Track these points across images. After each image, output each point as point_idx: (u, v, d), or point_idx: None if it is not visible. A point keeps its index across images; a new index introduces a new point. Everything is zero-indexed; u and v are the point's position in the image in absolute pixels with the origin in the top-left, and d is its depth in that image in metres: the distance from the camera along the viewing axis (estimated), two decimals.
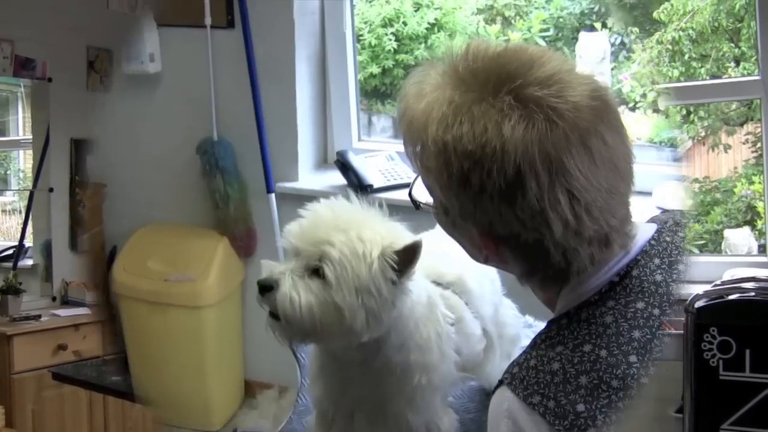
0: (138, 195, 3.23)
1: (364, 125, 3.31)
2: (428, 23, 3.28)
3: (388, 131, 3.41)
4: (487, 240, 1.06)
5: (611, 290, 1.07)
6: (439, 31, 3.34)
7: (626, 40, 3.37)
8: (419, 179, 1.15)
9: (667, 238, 1.13)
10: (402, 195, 2.86)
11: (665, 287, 1.07)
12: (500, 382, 1.07)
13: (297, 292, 1.32)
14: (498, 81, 1.01)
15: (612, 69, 3.26)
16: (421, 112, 1.04)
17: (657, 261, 1.10)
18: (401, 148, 3.29)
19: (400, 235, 1.38)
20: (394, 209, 2.89)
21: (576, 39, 3.33)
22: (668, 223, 1.16)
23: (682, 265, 1.10)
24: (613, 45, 3.31)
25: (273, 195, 2.98)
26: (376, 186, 2.87)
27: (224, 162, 2.96)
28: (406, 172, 2.96)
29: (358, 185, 2.85)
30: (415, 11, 3.27)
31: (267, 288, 1.35)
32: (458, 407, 1.63)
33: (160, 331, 3.04)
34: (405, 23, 3.21)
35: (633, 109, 3.25)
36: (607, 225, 1.03)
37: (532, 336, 1.48)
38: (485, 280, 1.67)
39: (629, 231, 1.09)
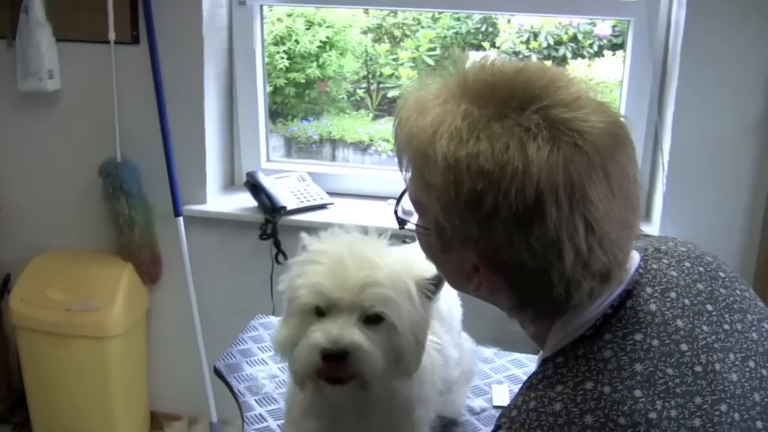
0: (35, 220, 3.24)
1: None
2: (320, 41, 3.42)
3: (280, 150, 3.50)
4: (485, 267, 1.06)
5: (606, 323, 1.07)
6: (330, 49, 3.48)
7: (513, 59, 3.56)
8: (405, 197, 1.18)
9: (654, 266, 1.15)
10: (315, 217, 2.99)
11: (661, 316, 1.08)
12: (497, 428, 1.06)
13: (373, 344, 1.28)
14: (524, 98, 1.01)
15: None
16: (428, 125, 1.04)
17: (649, 290, 1.11)
18: (311, 168, 3.42)
19: (415, 258, 1.34)
20: (310, 232, 3.00)
21: None
22: (649, 250, 1.19)
23: (674, 293, 1.11)
24: None
25: (181, 218, 3.03)
26: (289, 208, 2.96)
27: (129, 185, 2.98)
28: (318, 192, 3.08)
29: (271, 207, 2.93)
30: (307, 29, 3.40)
31: (339, 356, 1.27)
32: None
33: (63, 363, 3.05)
34: (297, 41, 3.33)
35: None
36: (614, 259, 1.04)
37: (485, 366, 1.57)
38: (453, 304, 1.70)
39: (628, 267, 1.11)
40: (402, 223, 1.22)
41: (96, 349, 3.02)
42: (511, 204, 0.98)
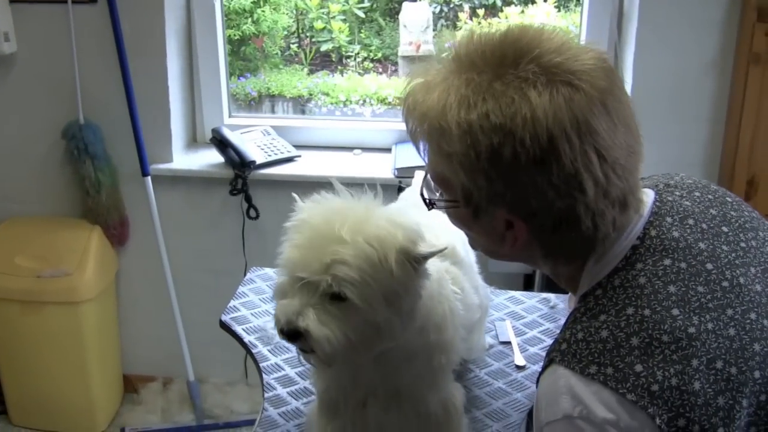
0: None
1: None
2: None
3: None
4: (518, 219, 1.19)
5: (635, 253, 1.22)
6: (264, 5, 3.67)
7: (445, 8, 3.74)
8: (425, 178, 1.31)
9: (669, 198, 1.31)
10: (284, 170, 3.16)
11: (684, 241, 1.23)
12: (549, 362, 1.19)
13: (330, 329, 1.34)
14: (516, 54, 1.16)
15: (433, 37, 3.64)
16: (436, 101, 1.18)
17: (669, 219, 1.26)
18: (273, 121, 3.58)
19: (406, 220, 1.41)
20: (281, 185, 3.17)
21: (391, 9, 3.70)
22: (659, 186, 1.35)
23: (691, 220, 1.27)
24: (434, 13, 3.68)
25: (149, 178, 3.18)
26: (258, 162, 3.14)
27: (93, 147, 3.11)
28: (284, 146, 3.25)
29: (240, 162, 3.10)
30: None
31: (295, 335, 1.36)
32: None
33: (35, 331, 3.20)
34: None
35: None
36: (627, 184, 1.19)
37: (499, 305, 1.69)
38: (469, 249, 1.78)
39: (641, 196, 1.26)
40: (430, 203, 1.33)
41: (69, 314, 3.16)
42: (528, 150, 1.12)
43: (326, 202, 1.43)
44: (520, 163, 1.13)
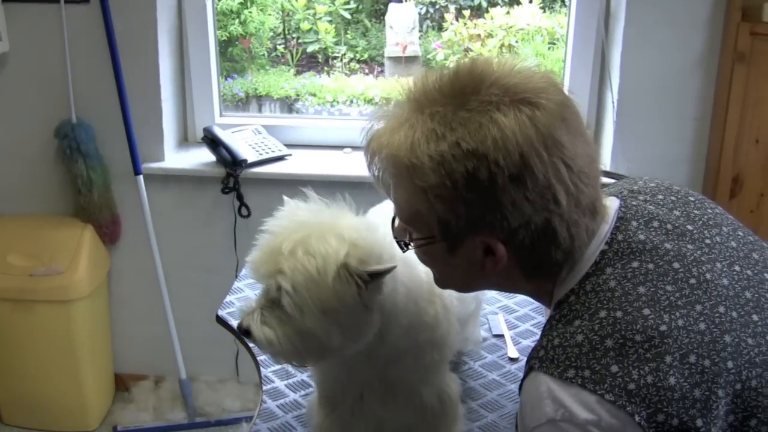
0: None
1: None
2: None
3: None
4: (497, 242, 1.22)
5: (604, 258, 1.26)
6: (251, 6, 3.70)
7: (431, 10, 3.77)
8: (394, 222, 1.34)
9: (633, 203, 1.35)
10: (275, 168, 3.18)
11: (650, 243, 1.27)
12: (529, 369, 1.22)
13: (272, 329, 1.41)
14: (475, 82, 1.21)
15: (419, 38, 3.69)
16: (403, 139, 1.21)
17: (634, 223, 1.30)
18: (264, 121, 3.60)
19: (363, 236, 1.43)
20: (272, 183, 3.20)
21: (377, 11, 3.73)
22: (623, 192, 1.39)
23: (656, 222, 1.31)
24: (420, 14, 3.74)
25: (141, 177, 3.20)
26: (250, 161, 3.16)
27: (86, 145, 3.12)
28: (275, 144, 3.28)
29: (232, 161, 3.12)
30: None
31: (246, 333, 1.45)
32: None
33: (27, 329, 3.21)
34: None
35: None
36: (594, 191, 1.25)
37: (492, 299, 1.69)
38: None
39: (604, 201, 1.31)
40: (405, 245, 1.35)
41: (61, 313, 3.17)
42: (503, 169, 1.16)
43: (297, 210, 1.48)
44: (497, 183, 1.17)
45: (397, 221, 1.35)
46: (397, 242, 1.37)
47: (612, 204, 1.33)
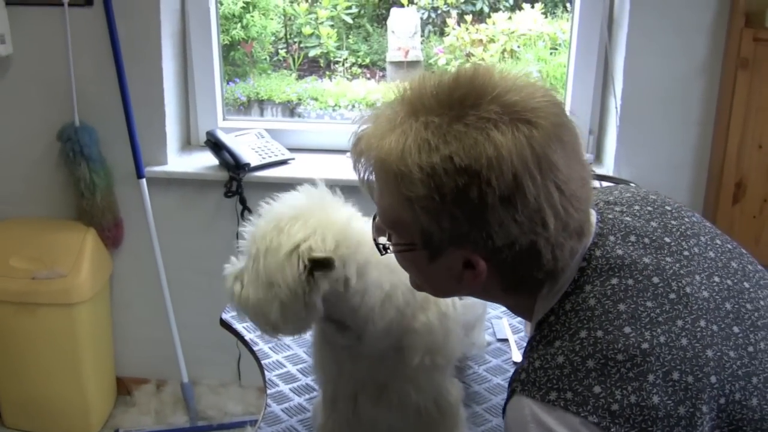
0: None
1: None
2: (243, 3, 3.65)
3: None
4: (478, 258, 1.19)
5: (583, 275, 1.23)
6: (253, 10, 3.70)
7: (433, 15, 3.77)
8: (375, 223, 1.32)
9: (610, 216, 1.32)
10: (278, 172, 3.18)
11: (629, 258, 1.25)
12: (511, 393, 1.20)
13: (240, 286, 1.49)
14: (476, 95, 1.16)
15: (421, 43, 3.70)
16: (394, 145, 1.17)
17: (612, 238, 1.28)
18: (267, 125, 3.61)
19: (333, 228, 1.45)
20: (275, 187, 3.20)
21: (378, 15, 3.74)
22: (599, 204, 1.36)
23: (633, 236, 1.29)
24: (422, 19, 3.73)
25: (144, 180, 3.19)
26: (253, 164, 3.16)
27: (89, 149, 3.12)
28: (278, 148, 3.27)
29: (235, 165, 3.11)
30: None
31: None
32: None
33: (29, 332, 3.21)
34: (221, 3, 3.50)
35: None
36: (584, 215, 1.22)
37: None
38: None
39: (592, 221, 1.28)
40: (384, 248, 1.31)
41: (64, 316, 3.17)
42: (494, 189, 1.12)
43: (300, 194, 1.53)
44: (487, 203, 1.13)
45: (377, 221, 1.32)
46: (376, 244, 1.34)
47: (591, 218, 1.30)
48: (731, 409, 1.17)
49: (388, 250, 1.31)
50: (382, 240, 1.31)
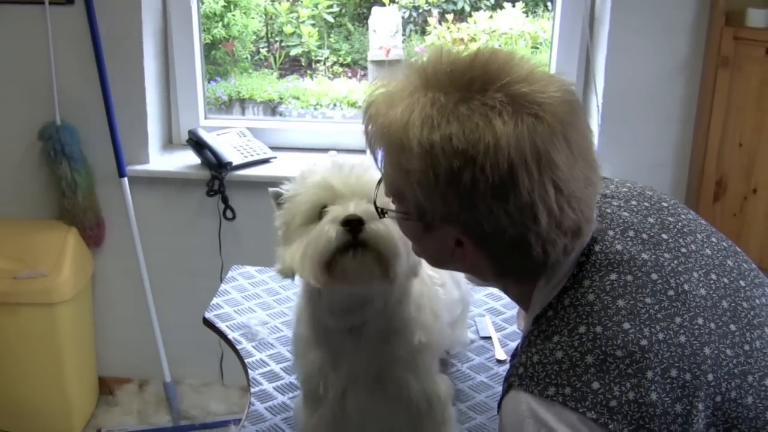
0: None
1: None
2: (224, 1, 3.65)
3: None
4: (468, 240, 1.20)
5: (581, 270, 1.24)
6: (234, 9, 3.69)
7: (414, 14, 3.78)
8: (379, 185, 1.32)
9: (608, 210, 1.33)
10: (260, 171, 3.17)
11: (627, 254, 1.25)
12: (509, 387, 1.20)
13: (383, 224, 1.39)
14: (485, 80, 1.16)
15: (403, 42, 3.70)
16: (399, 116, 1.18)
17: (611, 233, 1.28)
18: (248, 123, 3.59)
19: (328, 176, 1.48)
20: (257, 186, 3.19)
21: (360, 14, 3.73)
22: (597, 198, 1.32)
23: (632, 231, 1.29)
24: (403, 18, 3.73)
25: (126, 179, 3.18)
26: (235, 163, 3.15)
27: (70, 148, 3.10)
28: (260, 147, 3.27)
29: (216, 163, 3.10)
30: None
31: (357, 222, 1.39)
32: None
33: (10, 333, 3.17)
34: (202, 2, 3.49)
35: None
36: (582, 216, 1.19)
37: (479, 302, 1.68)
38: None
39: (595, 222, 1.26)
40: (382, 212, 1.33)
41: (45, 316, 3.14)
42: (487, 177, 1.12)
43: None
44: (478, 189, 1.13)
45: (381, 185, 1.33)
46: (376, 208, 1.35)
47: (591, 219, 1.28)
48: (727, 408, 1.17)
49: (386, 215, 1.32)
50: (381, 203, 1.33)
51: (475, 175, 1.12)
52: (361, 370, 1.61)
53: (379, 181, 1.33)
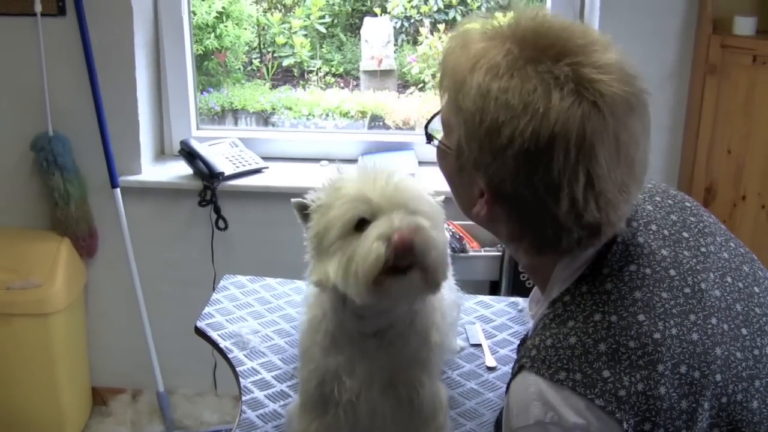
0: None
1: None
2: (217, 12, 3.67)
3: None
4: (489, 194, 1.21)
5: (602, 259, 1.24)
6: (227, 20, 3.71)
7: (406, 24, 3.80)
8: (438, 116, 1.32)
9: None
10: (253, 181, 3.17)
11: (648, 247, 1.26)
12: (519, 369, 1.21)
13: (430, 235, 1.38)
14: (562, 50, 1.15)
15: (395, 51, 3.70)
16: (471, 56, 1.20)
17: (634, 224, 1.28)
18: (240, 134, 3.61)
19: (355, 184, 1.47)
20: (250, 196, 3.20)
21: (352, 25, 3.75)
22: None
23: (654, 225, 1.29)
24: (395, 28, 3.75)
25: (118, 190, 3.18)
26: (227, 173, 3.15)
27: (62, 158, 3.11)
28: (252, 157, 3.27)
29: (209, 174, 3.11)
30: (203, 0, 3.62)
31: (410, 242, 1.36)
32: None
33: (3, 343, 3.17)
34: (194, 13, 3.51)
35: (422, 89, 3.70)
36: (606, 218, 1.17)
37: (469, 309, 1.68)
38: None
39: (620, 226, 1.23)
40: (429, 138, 1.36)
41: (39, 326, 3.14)
42: (524, 140, 1.12)
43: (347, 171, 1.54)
44: (513, 146, 1.13)
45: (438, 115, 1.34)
46: (426, 132, 1.38)
47: (616, 226, 1.27)
48: (732, 410, 1.18)
49: (432, 142, 1.35)
50: (432, 131, 1.36)
51: (514, 134, 1.13)
52: (377, 372, 1.60)
53: (438, 111, 1.34)
